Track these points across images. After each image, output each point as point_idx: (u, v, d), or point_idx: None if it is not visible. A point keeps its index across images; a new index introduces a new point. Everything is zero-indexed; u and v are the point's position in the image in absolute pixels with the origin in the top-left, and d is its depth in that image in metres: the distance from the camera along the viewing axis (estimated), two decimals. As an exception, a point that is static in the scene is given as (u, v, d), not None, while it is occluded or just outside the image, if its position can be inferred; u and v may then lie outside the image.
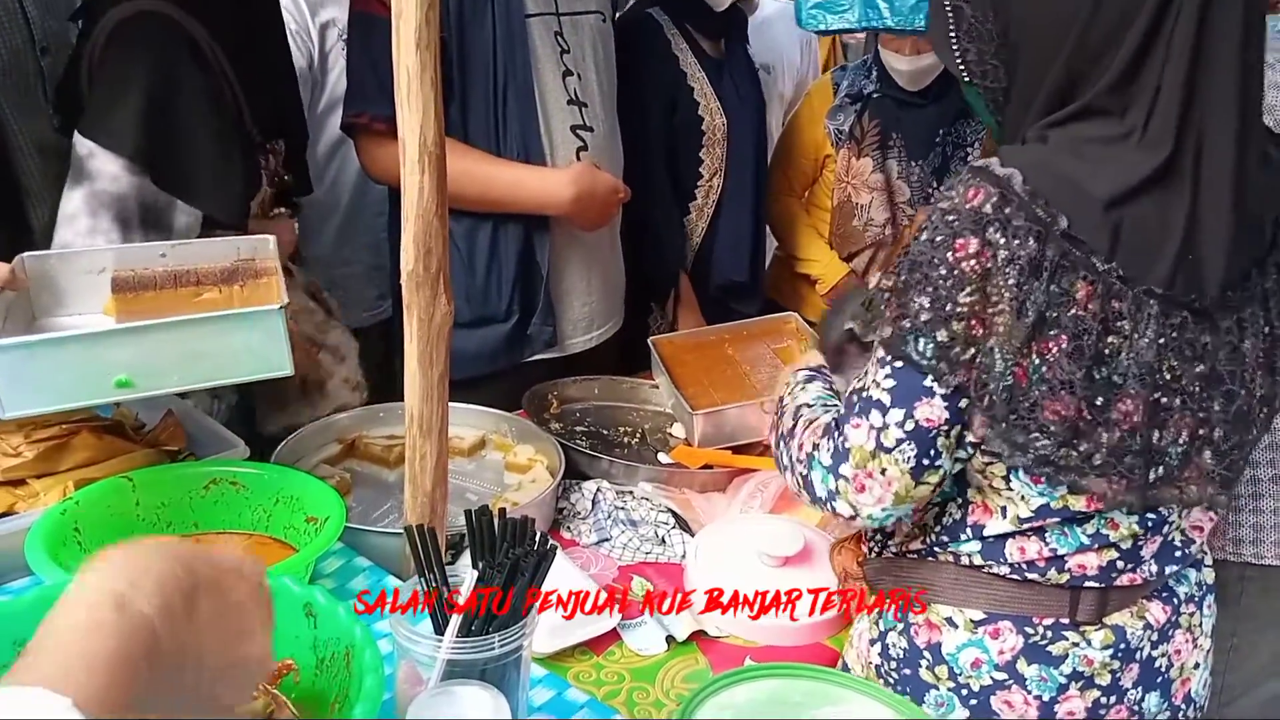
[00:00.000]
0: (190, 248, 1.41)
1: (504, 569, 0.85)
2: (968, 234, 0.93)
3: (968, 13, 1.02)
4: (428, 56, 1.10)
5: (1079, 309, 0.92)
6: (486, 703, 0.78)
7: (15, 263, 1.30)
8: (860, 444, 1.01)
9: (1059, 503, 1.02)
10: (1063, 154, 0.96)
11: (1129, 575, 1.07)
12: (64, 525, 1.11)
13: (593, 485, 1.58)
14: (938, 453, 1.00)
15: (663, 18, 2.23)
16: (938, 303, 0.95)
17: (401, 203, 1.14)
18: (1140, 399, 0.94)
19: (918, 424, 0.98)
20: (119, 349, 1.16)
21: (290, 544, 1.20)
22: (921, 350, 0.96)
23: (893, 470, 1.00)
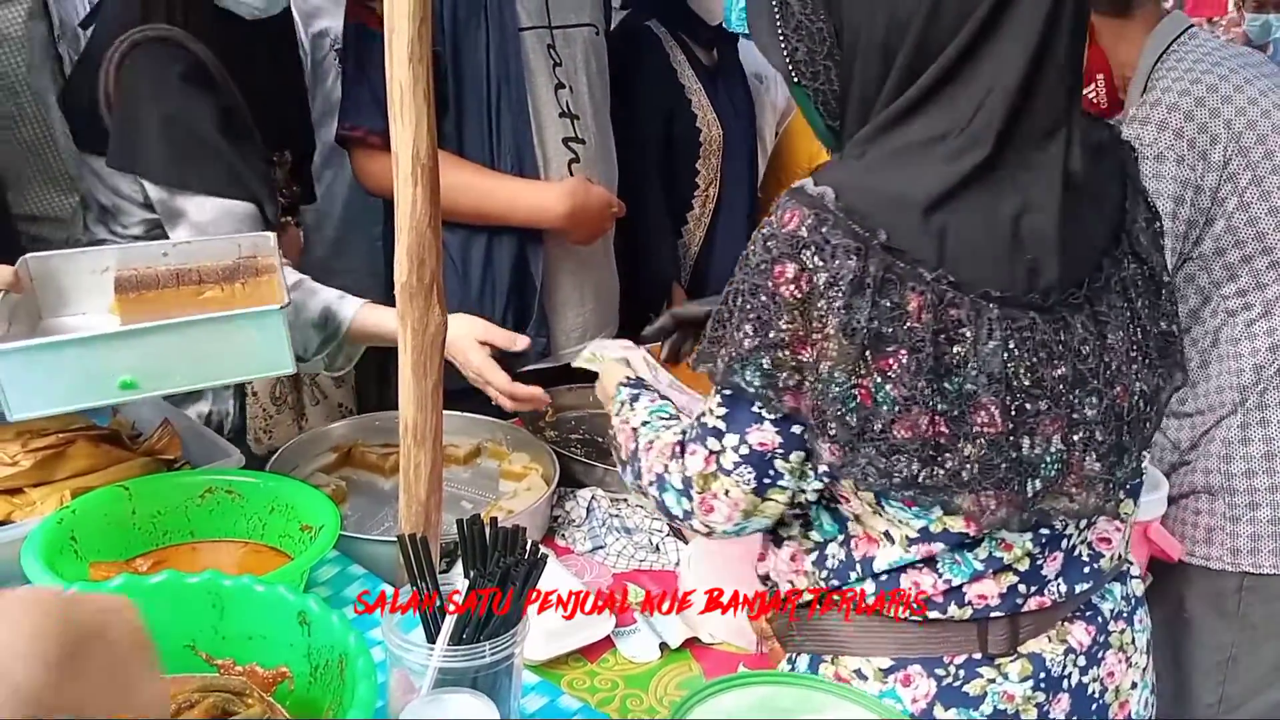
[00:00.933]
0: (192, 246, 1.43)
1: (495, 578, 0.86)
2: (785, 260, 0.91)
3: (795, 8, 0.97)
4: (420, 70, 1.11)
5: (913, 321, 0.89)
6: (477, 710, 0.79)
7: (19, 264, 1.31)
8: (700, 470, 1.01)
9: (938, 525, 0.97)
10: (880, 165, 0.93)
11: (1036, 599, 1.01)
12: (60, 534, 1.12)
13: (587, 493, 1.59)
14: (778, 473, 0.98)
15: (660, 30, 2.24)
16: (760, 330, 0.93)
17: (395, 215, 1.15)
18: (997, 406, 0.91)
19: (752, 448, 0.97)
20: (122, 351, 1.16)
21: (285, 552, 1.21)
22: (748, 380, 0.94)
23: (735, 491, 0.99)
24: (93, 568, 1.12)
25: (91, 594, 0.67)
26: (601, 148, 1.95)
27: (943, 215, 0.89)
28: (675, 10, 2.23)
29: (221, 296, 1.34)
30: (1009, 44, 0.89)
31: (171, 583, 0.97)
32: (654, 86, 2.21)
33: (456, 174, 1.72)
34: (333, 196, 2.31)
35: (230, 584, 0.97)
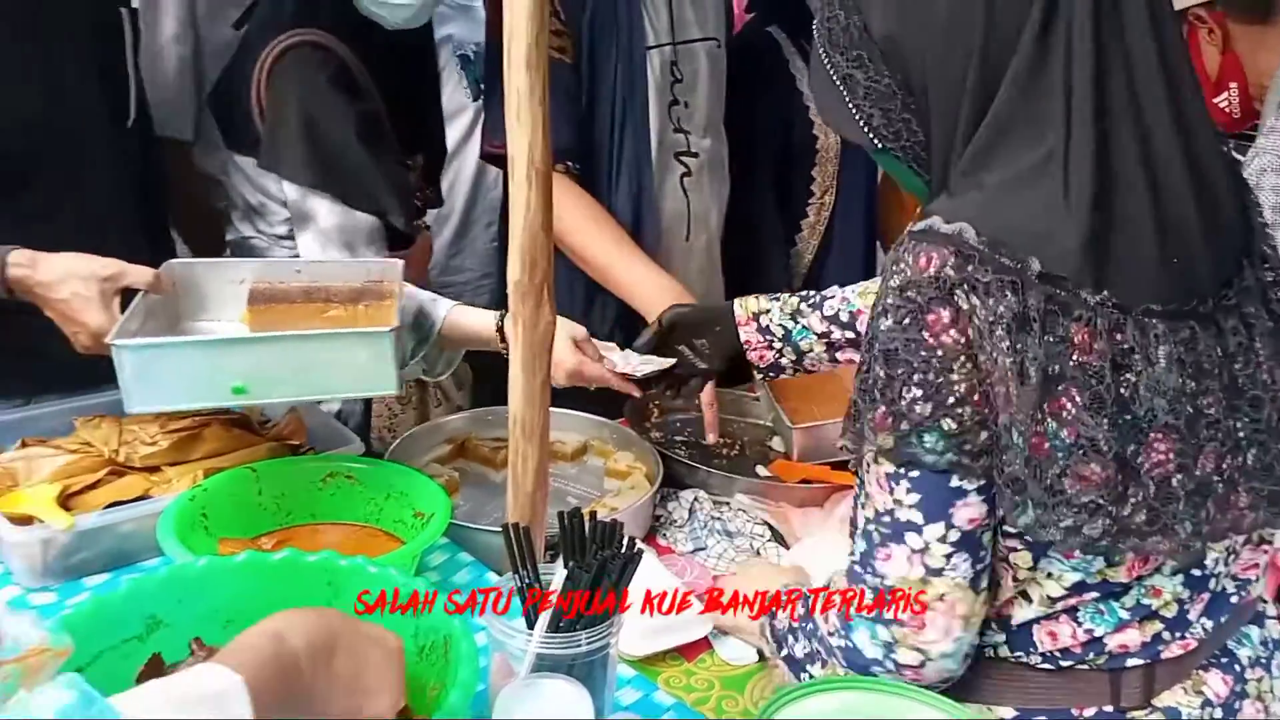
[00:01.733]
0: (325, 266, 1.51)
1: (592, 569, 0.88)
2: (937, 305, 0.83)
3: (860, 79, 0.94)
4: (537, 76, 1.15)
5: (1082, 354, 0.81)
6: (571, 696, 0.81)
7: (163, 267, 1.41)
8: (903, 575, 0.88)
9: (1096, 577, 0.91)
10: (1001, 194, 0.86)
11: (1179, 644, 0.95)
12: (193, 510, 1.19)
13: (690, 494, 1.61)
14: (986, 551, 0.89)
15: (780, 35, 2.24)
16: (930, 389, 0.84)
17: (510, 216, 1.19)
18: (1170, 438, 0.84)
19: (963, 532, 0.87)
20: (239, 358, 1.23)
21: (398, 537, 1.26)
22: (932, 448, 0.85)
23: (953, 593, 0.87)
24: (221, 543, 1.19)
25: (369, 623, 0.86)
26: (713, 161, 1.97)
27: (1090, 232, 0.83)
28: (798, 16, 2.22)
29: (344, 316, 1.41)
30: (1074, 40, 0.84)
31: (291, 560, 1.03)
32: (771, 93, 2.21)
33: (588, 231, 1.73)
34: (449, 201, 2.39)
35: (345, 564, 1.02)
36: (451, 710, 0.82)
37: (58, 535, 1.18)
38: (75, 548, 1.20)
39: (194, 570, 1.00)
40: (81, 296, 1.29)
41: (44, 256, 1.31)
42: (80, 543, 1.20)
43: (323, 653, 0.77)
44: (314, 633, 0.78)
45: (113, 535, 1.22)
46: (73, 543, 1.20)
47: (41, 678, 0.76)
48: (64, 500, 1.26)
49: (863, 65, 0.93)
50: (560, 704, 0.81)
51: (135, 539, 1.23)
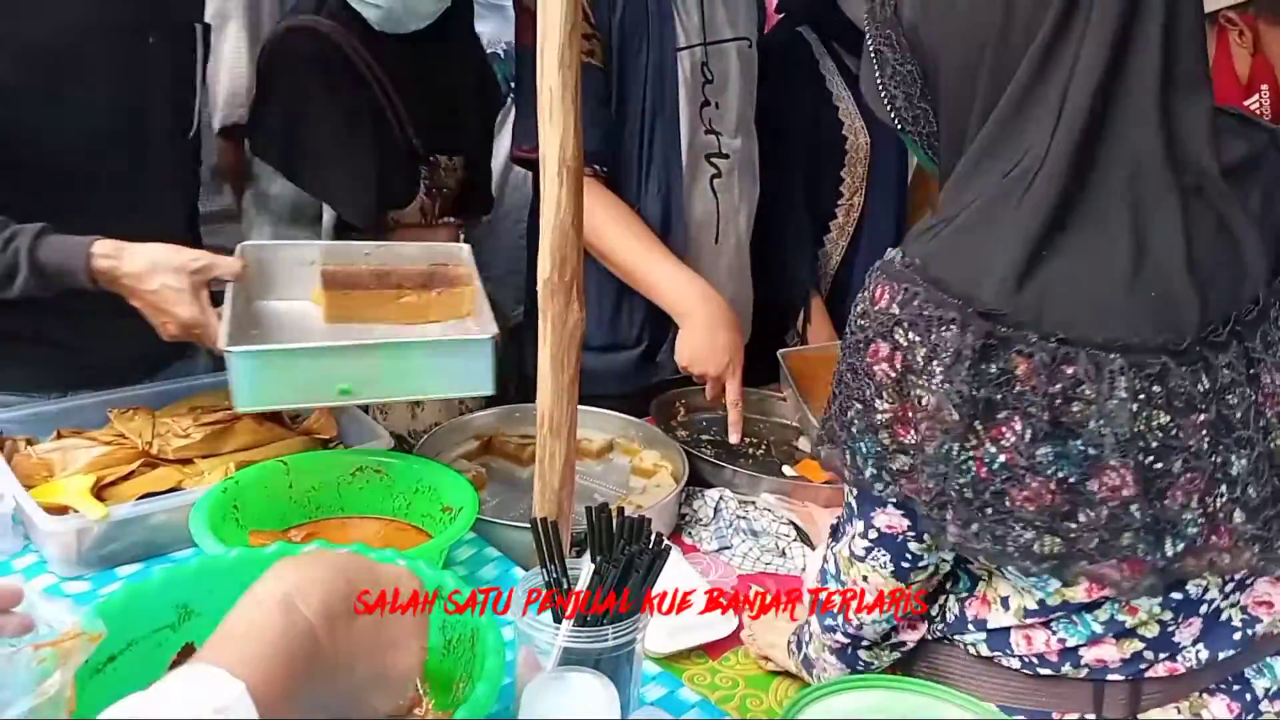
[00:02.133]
0: (391, 249, 1.55)
1: (619, 565, 0.89)
2: (878, 339, 0.87)
3: (890, 57, 0.95)
4: (569, 75, 1.15)
5: (1023, 385, 0.82)
6: (597, 689, 0.82)
7: (238, 251, 1.44)
8: (841, 552, 1.00)
9: (1055, 598, 0.93)
10: (971, 225, 0.87)
11: (1166, 664, 0.95)
12: (225, 502, 1.21)
13: (716, 493, 1.61)
14: (914, 555, 0.95)
15: (811, 36, 2.24)
16: (864, 413, 0.90)
17: (540, 214, 1.20)
18: (1126, 468, 0.83)
19: (881, 532, 0.95)
20: (346, 362, 1.28)
21: (426, 531, 1.27)
22: (863, 459, 0.91)
23: (875, 577, 0.97)
24: (252, 535, 1.20)
25: (386, 565, 0.79)
26: (744, 161, 1.96)
27: (1042, 268, 0.83)
28: (828, 17, 2.22)
29: (418, 303, 1.45)
30: (1088, 44, 0.83)
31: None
32: (800, 94, 2.20)
33: (619, 229, 1.73)
34: None
35: (374, 557, 1.03)
36: (477, 702, 0.82)
37: (92, 525, 1.20)
38: (109, 538, 1.22)
39: (226, 561, 1.02)
40: (172, 289, 1.32)
41: (129, 247, 1.34)
42: (114, 533, 1.22)
43: (341, 615, 0.70)
44: (329, 593, 0.70)
45: (145, 526, 1.24)
46: (107, 533, 1.21)
47: (75, 661, 0.78)
48: (98, 491, 1.28)
49: (892, 45, 0.95)
50: (586, 697, 0.82)
51: (167, 530, 1.24)
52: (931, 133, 0.97)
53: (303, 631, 0.67)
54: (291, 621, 0.67)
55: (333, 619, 0.69)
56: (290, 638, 0.66)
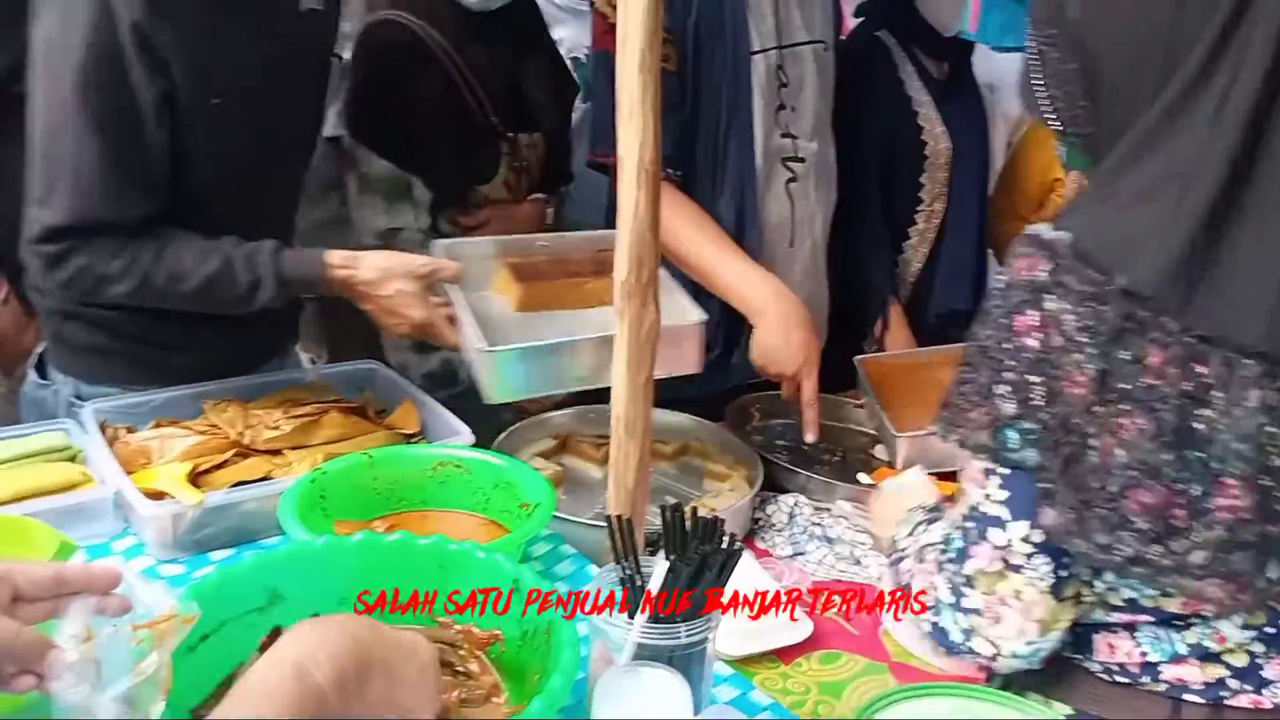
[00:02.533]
0: (559, 239, 1.64)
1: (692, 563, 0.90)
2: (1026, 307, 0.84)
3: (1051, 56, 0.92)
4: (649, 79, 1.17)
5: (1153, 378, 0.79)
6: (670, 684, 0.83)
7: (434, 250, 1.54)
8: (982, 568, 0.90)
9: (1150, 601, 0.89)
10: (1126, 204, 0.85)
11: (1251, 697, 0.91)
12: (312, 492, 1.25)
13: (790, 499, 1.61)
14: (1072, 559, 0.88)
15: (890, 40, 2.22)
16: (1017, 390, 0.84)
17: (618, 217, 1.22)
18: (1246, 485, 0.79)
19: (1046, 535, 0.87)
20: (583, 355, 1.39)
21: (504, 526, 1.29)
22: (1015, 446, 0.85)
23: (1029, 593, 0.88)
24: (337, 524, 1.24)
25: (400, 631, 0.81)
26: (820, 165, 1.95)
27: (1194, 260, 0.80)
28: (907, 21, 2.20)
29: (598, 287, 1.51)
30: (1254, 45, 0.81)
31: (404, 543, 1.07)
32: (878, 99, 2.19)
33: (693, 230, 1.74)
34: None
35: (455, 548, 1.05)
36: (552, 694, 0.84)
37: (187, 510, 1.25)
38: (203, 523, 1.27)
39: (314, 548, 1.05)
40: (405, 293, 1.44)
41: (361, 256, 1.46)
42: (207, 518, 1.27)
43: (353, 681, 0.71)
44: (341, 659, 0.71)
45: (237, 513, 1.29)
46: (201, 518, 1.26)
47: (171, 642, 0.82)
48: (193, 478, 1.33)
49: (1055, 44, 0.94)
50: (658, 691, 0.83)
51: (258, 517, 1.29)
52: (1089, 133, 0.95)
53: (314, 696, 0.68)
54: (304, 686, 0.68)
55: (344, 686, 0.70)
56: (302, 703, 0.67)
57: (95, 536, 1.28)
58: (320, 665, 0.69)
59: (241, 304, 1.45)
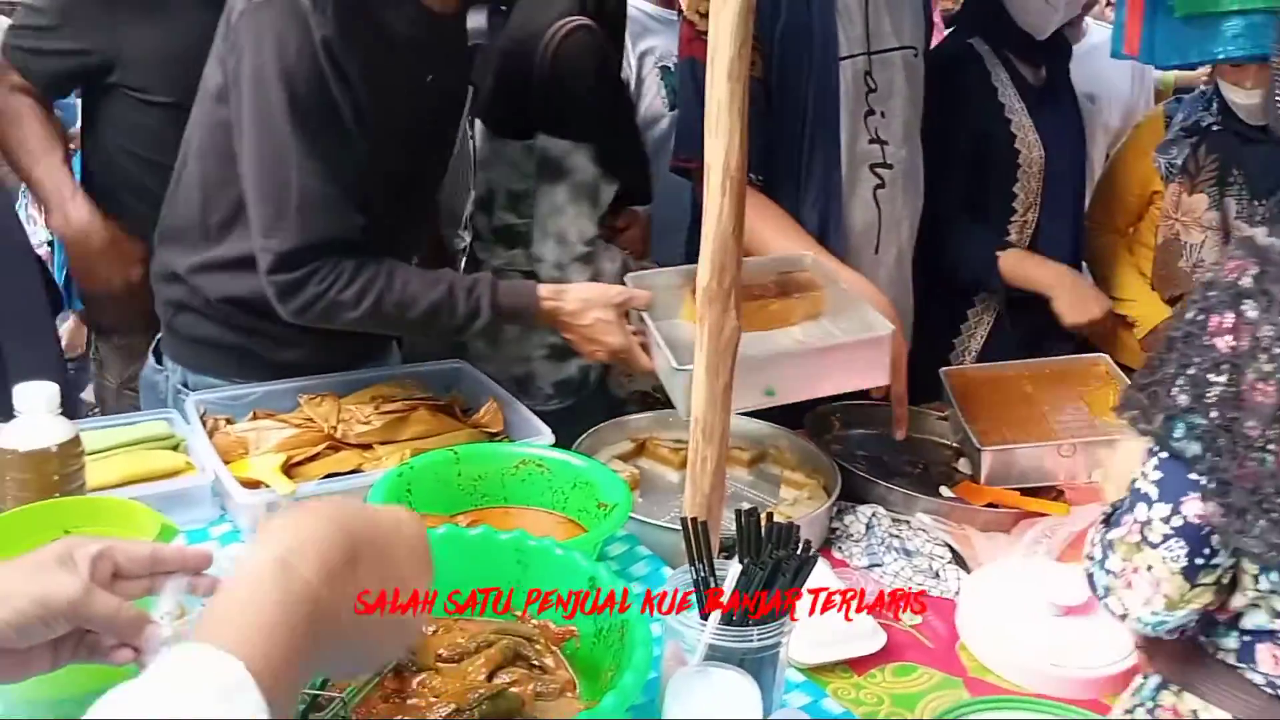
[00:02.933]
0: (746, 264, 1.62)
1: (766, 568, 0.90)
2: (1224, 309, 0.85)
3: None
4: (737, 88, 1.18)
5: None
6: (740, 686, 0.84)
7: (629, 280, 1.63)
8: (1123, 536, 0.94)
9: None
10: None
11: None
12: (400, 485, 1.29)
13: (869, 509, 1.59)
14: (1214, 550, 0.89)
15: (983, 48, 2.19)
16: (1195, 386, 0.87)
17: (703, 223, 1.23)
18: None
19: (1186, 520, 0.89)
20: (771, 368, 1.43)
21: (582, 525, 1.31)
22: (1180, 437, 0.88)
23: (1160, 569, 0.91)
24: (423, 518, 1.28)
25: (383, 508, 0.77)
26: (909, 172, 1.94)
27: None
28: (1001, 28, 2.16)
29: (782, 309, 1.56)
30: None
31: (486, 536, 1.10)
32: (970, 107, 2.16)
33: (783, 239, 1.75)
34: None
35: (534, 544, 1.08)
36: (624, 691, 0.86)
37: (281, 500, 1.30)
38: (295, 512, 1.32)
39: (399, 538, 1.09)
40: (603, 322, 1.53)
41: (566, 289, 1.57)
42: (300, 508, 1.32)
43: (341, 569, 0.66)
44: (327, 550, 0.66)
45: (328, 503, 1.34)
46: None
47: None
48: (287, 469, 1.39)
49: None
50: (729, 692, 0.84)
51: (346, 509, 1.34)
52: None
53: (301, 594, 0.63)
54: (289, 587, 0.63)
55: (332, 574, 0.65)
56: (288, 604, 0.62)
57: (194, 522, 1.34)
58: (306, 558, 0.64)
59: (458, 332, 1.54)
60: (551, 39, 1.89)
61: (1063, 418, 1.74)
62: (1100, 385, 1.84)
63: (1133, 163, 2.33)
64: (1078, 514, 1.55)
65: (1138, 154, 2.33)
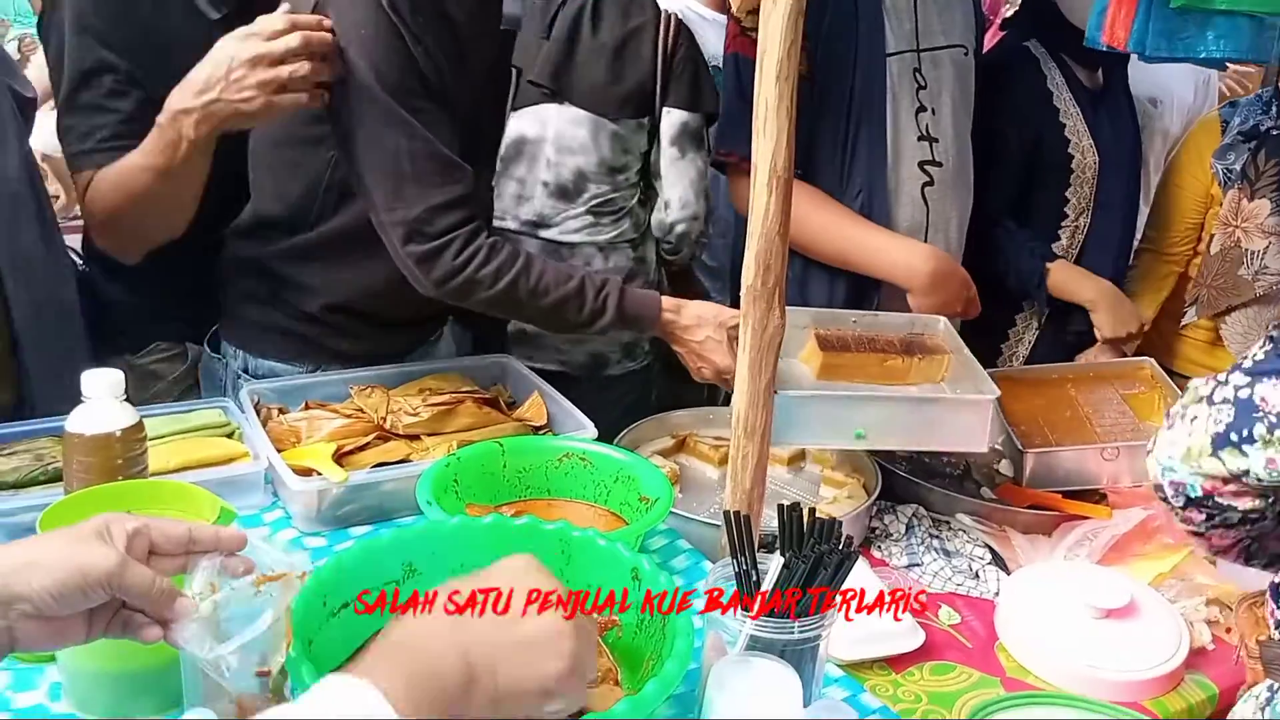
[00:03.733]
0: (875, 317, 1.68)
1: (808, 561, 0.91)
2: None
3: None
4: (785, 88, 1.19)
5: None
6: (780, 675, 0.85)
7: None
8: (1198, 386, 0.97)
9: None
10: None
11: None
12: (446, 476, 1.31)
13: (909, 509, 1.60)
14: (1251, 438, 0.89)
15: (1039, 50, 2.17)
16: None
17: (749, 222, 1.24)
18: None
19: (1250, 395, 0.90)
20: (865, 410, 1.45)
21: (623, 518, 1.33)
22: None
23: (1199, 422, 0.93)
24: (469, 507, 1.31)
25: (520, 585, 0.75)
26: (958, 171, 1.93)
27: None
28: (1057, 30, 2.15)
29: (900, 366, 1.56)
30: None
31: (531, 526, 1.12)
32: (1023, 109, 2.14)
33: (825, 214, 1.77)
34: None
35: (578, 534, 1.10)
36: (665, 679, 0.87)
37: (332, 487, 1.34)
38: (346, 500, 1.36)
39: (447, 527, 1.12)
40: (713, 340, 1.55)
41: (684, 305, 1.59)
42: (350, 496, 1.36)
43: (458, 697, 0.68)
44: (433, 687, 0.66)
45: (378, 492, 1.37)
46: (344, 495, 1.35)
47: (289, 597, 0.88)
48: (338, 458, 1.42)
49: None
50: (770, 681, 0.85)
51: (396, 497, 1.37)
52: None
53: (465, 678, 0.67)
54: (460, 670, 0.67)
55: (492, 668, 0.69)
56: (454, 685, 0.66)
57: (247, 508, 1.38)
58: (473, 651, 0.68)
59: (580, 328, 1.56)
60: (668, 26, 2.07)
61: (1106, 420, 1.73)
62: (1144, 389, 1.83)
63: (1192, 166, 2.30)
64: (1120, 518, 1.54)
65: (1194, 160, 2.30)
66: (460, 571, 1.07)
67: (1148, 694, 1.24)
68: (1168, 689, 1.24)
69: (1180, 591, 1.40)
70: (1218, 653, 1.33)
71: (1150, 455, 1.03)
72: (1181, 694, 1.26)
